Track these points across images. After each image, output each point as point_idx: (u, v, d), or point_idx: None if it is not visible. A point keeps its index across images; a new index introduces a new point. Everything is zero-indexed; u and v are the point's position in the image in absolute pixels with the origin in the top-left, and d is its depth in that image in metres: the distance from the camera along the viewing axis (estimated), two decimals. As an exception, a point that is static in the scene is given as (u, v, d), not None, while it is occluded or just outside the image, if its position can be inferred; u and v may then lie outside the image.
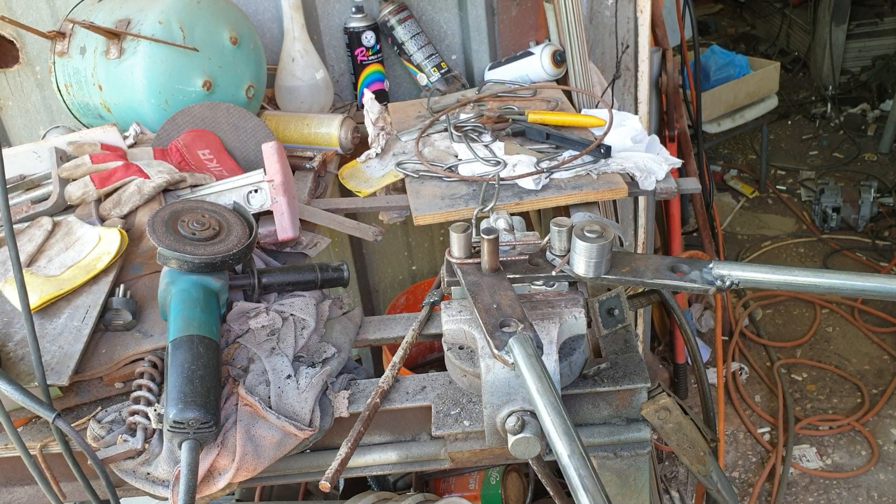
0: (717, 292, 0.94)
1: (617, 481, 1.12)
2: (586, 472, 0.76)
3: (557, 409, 0.81)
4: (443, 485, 2.05)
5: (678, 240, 3.01)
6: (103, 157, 1.42)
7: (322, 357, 1.14)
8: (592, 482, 0.76)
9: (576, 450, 0.78)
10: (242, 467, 1.01)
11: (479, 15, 2.05)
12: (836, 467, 3.00)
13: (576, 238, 1.01)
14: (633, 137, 1.60)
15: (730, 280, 0.95)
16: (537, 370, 0.84)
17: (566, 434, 0.79)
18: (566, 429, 0.80)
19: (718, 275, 0.95)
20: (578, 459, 0.78)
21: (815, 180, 4.74)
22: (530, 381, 0.84)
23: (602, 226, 1.01)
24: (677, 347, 3.15)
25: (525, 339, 0.88)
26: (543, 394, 0.82)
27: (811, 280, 0.93)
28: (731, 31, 6.60)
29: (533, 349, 0.87)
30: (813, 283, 0.94)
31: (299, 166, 1.70)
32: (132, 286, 1.22)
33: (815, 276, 0.93)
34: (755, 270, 0.96)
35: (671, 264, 1.01)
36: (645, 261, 1.03)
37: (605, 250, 1.00)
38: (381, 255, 2.56)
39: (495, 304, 0.97)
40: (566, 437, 0.79)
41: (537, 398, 0.83)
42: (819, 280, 0.94)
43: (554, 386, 0.84)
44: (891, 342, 3.54)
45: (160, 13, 1.59)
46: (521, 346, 0.87)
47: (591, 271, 1.02)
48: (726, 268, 0.97)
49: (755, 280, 0.95)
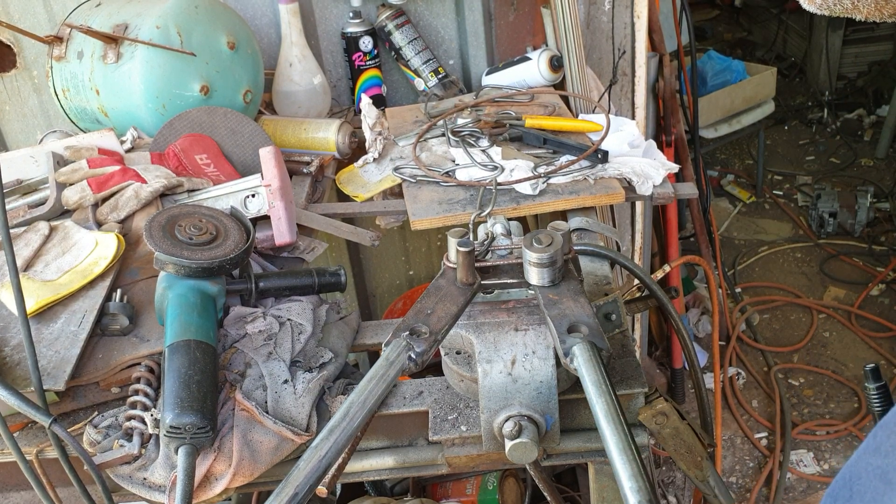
0: (564, 364, 0.92)
1: (614, 486, 1.11)
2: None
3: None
4: (440, 490, 2.05)
5: (675, 245, 3.01)
6: (100, 161, 1.42)
7: (319, 362, 1.14)
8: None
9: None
10: (239, 472, 1.01)
11: (477, 20, 2.06)
12: (833, 472, 3.00)
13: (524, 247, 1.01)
14: (631, 142, 1.61)
15: (573, 364, 0.93)
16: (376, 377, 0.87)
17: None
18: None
19: (573, 354, 0.93)
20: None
21: (812, 185, 4.75)
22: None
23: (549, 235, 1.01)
24: (675, 352, 3.15)
25: (396, 346, 0.91)
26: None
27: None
28: (728, 37, 6.61)
29: (393, 360, 0.89)
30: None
31: (297, 171, 1.70)
32: (129, 291, 1.22)
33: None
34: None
35: (575, 322, 0.97)
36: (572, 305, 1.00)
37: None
38: (379, 260, 2.56)
39: (429, 311, 0.97)
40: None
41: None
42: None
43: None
44: (887, 347, 3.55)
45: (158, 18, 1.59)
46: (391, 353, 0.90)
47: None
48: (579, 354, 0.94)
49: (582, 378, 0.91)
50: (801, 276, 4.10)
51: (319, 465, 0.80)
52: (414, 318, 0.96)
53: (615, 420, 0.83)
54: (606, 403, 0.84)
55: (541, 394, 0.98)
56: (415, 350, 0.91)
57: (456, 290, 1.01)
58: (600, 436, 0.82)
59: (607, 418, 0.83)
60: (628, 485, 0.76)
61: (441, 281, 1.03)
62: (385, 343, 0.92)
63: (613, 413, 0.83)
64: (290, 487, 0.78)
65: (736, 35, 6.63)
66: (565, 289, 1.01)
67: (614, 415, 0.83)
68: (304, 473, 0.79)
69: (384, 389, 0.88)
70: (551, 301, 0.99)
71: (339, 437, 0.83)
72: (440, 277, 1.04)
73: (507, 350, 0.99)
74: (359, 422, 0.85)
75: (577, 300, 0.99)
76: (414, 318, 0.96)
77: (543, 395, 0.98)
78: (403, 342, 0.91)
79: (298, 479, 0.79)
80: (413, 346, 0.91)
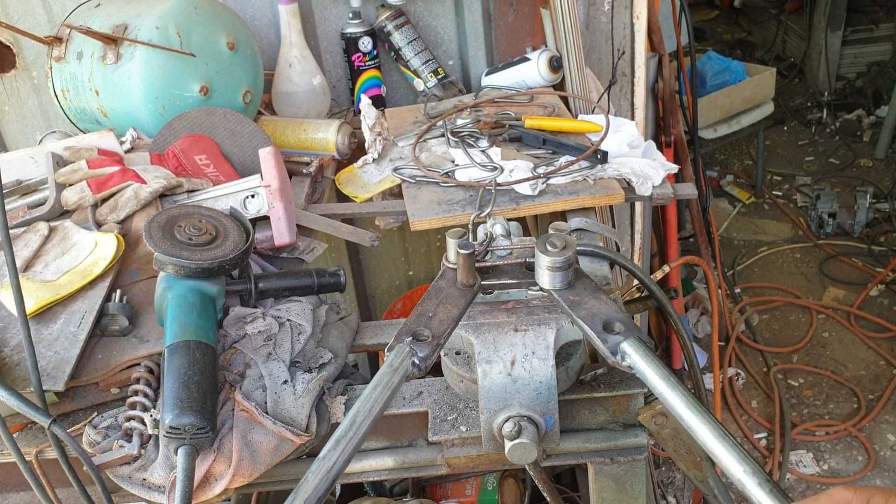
0: (613, 363, 0.91)
1: (614, 487, 1.12)
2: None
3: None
4: (439, 490, 2.05)
5: (675, 245, 3.02)
6: (100, 162, 1.42)
7: (319, 362, 1.14)
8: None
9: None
10: (239, 473, 1.01)
11: (476, 20, 2.06)
12: (832, 473, 3.00)
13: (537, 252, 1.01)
14: (630, 143, 1.61)
15: (626, 362, 0.91)
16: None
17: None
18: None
19: (623, 351, 0.91)
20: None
21: (812, 186, 4.75)
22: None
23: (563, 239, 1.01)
24: (674, 353, 3.15)
25: (399, 351, 0.91)
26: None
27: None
28: (728, 38, 6.62)
29: (397, 367, 0.90)
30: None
31: (296, 171, 1.70)
32: (128, 291, 1.22)
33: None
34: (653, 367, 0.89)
35: (607, 319, 0.96)
36: (596, 302, 0.99)
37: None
38: (378, 261, 2.56)
39: (431, 314, 0.97)
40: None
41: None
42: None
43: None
44: (887, 347, 3.55)
45: (157, 18, 1.59)
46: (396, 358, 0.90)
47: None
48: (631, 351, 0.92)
49: (643, 376, 0.89)
50: (800, 276, 4.10)
51: (328, 476, 0.80)
52: (416, 321, 0.96)
53: (699, 410, 0.81)
54: (683, 394, 0.82)
55: (540, 394, 0.98)
56: (418, 355, 0.91)
57: (456, 291, 1.01)
58: (687, 429, 0.80)
59: (691, 409, 0.81)
60: (741, 468, 0.74)
61: (441, 282, 1.03)
62: (388, 348, 0.92)
63: (694, 403, 0.81)
64: (299, 500, 0.77)
65: (735, 36, 6.64)
66: (582, 288, 1.00)
67: (696, 405, 0.81)
68: (313, 485, 0.79)
69: (389, 396, 0.88)
70: (573, 302, 0.98)
71: (346, 447, 0.82)
72: (440, 279, 1.04)
73: (507, 350, 0.99)
74: (365, 430, 0.85)
75: (598, 297, 0.98)
76: (416, 322, 0.95)
77: (543, 396, 0.98)
78: (406, 347, 0.91)
79: (308, 491, 0.78)
80: (416, 351, 0.91)
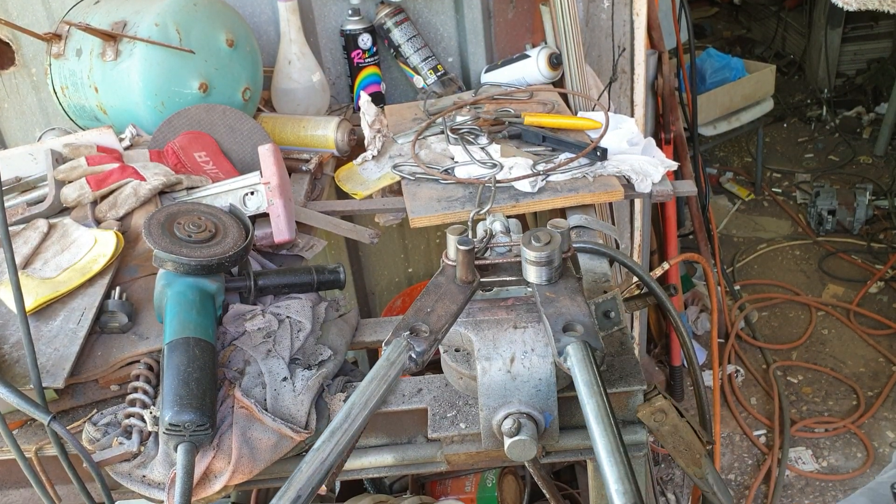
0: (557, 363, 0.93)
1: (613, 484, 1.12)
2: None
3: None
4: (439, 487, 2.05)
5: (674, 242, 3.02)
6: (99, 159, 1.42)
7: (318, 359, 1.14)
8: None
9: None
10: (238, 470, 1.01)
11: (476, 18, 2.05)
12: (831, 469, 3.01)
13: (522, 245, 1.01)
14: (630, 140, 1.61)
15: (567, 364, 0.93)
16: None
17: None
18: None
19: (566, 353, 0.93)
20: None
21: (811, 183, 4.75)
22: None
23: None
24: (673, 350, 3.15)
25: (397, 345, 0.91)
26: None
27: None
28: (727, 35, 6.61)
29: (394, 360, 0.90)
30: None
31: (296, 169, 1.70)
32: (128, 289, 1.22)
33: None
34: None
35: (570, 321, 0.97)
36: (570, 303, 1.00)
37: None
38: (378, 258, 2.56)
39: (429, 309, 0.97)
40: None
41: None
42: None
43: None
44: (886, 344, 3.55)
45: (156, 15, 1.59)
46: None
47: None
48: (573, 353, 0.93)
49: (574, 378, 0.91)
50: (799, 273, 4.10)
51: (322, 467, 0.80)
52: (414, 316, 0.96)
53: (605, 421, 0.83)
54: (597, 404, 0.84)
55: (540, 391, 0.98)
56: (415, 350, 0.91)
57: (455, 288, 1.01)
58: (590, 436, 0.83)
59: (597, 419, 0.83)
60: (615, 487, 0.77)
61: (440, 279, 1.03)
62: (385, 343, 0.92)
63: (604, 414, 0.84)
64: (292, 490, 0.78)
65: (735, 32, 6.63)
66: (563, 287, 1.01)
67: (604, 416, 0.83)
68: (307, 475, 0.79)
69: (385, 390, 0.88)
70: (548, 299, 0.99)
71: (341, 439, 0.83)
72: (439, 275, 1.04)
73: (506, 348, 0.99)
74: (360, 423, 0.85)
75: (574, 299, 0.99)
76: (414, 317, 0.96)
77: (542, 393, 0.98)
78: (404, 342, 0.91)
79: (301, 481, 0.79)
80: (413, 345, 0.91)
